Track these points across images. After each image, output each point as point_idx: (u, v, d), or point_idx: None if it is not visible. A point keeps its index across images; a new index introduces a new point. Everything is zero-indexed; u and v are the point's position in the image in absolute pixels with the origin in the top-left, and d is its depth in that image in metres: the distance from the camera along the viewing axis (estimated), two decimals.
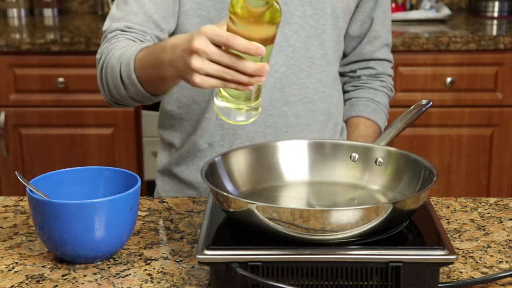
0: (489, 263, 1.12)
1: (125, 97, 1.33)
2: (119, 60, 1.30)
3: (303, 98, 1.50)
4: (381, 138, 1.29)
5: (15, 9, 3.19)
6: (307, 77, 1.50)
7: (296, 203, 1.18)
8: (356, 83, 1.65)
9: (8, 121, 2.77)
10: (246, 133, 1.48)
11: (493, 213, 1.31)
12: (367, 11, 1.57)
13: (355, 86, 1.65)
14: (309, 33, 1.48)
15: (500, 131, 2.78)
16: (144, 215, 1.30)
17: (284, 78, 1.48)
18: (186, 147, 1.54)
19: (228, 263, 0.99)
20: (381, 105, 1.64)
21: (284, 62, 1.47)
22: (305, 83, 1.50)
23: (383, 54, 1.65)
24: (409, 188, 1.15)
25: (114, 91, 1.34)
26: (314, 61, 1.50)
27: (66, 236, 1.08)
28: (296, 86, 1.49)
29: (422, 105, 1.31)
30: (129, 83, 1.28)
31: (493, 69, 2.72)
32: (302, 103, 1.50)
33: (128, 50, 1.29)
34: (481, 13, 3.12)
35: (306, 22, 1.47)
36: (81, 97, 2.75)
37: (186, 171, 1.55)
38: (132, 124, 2.79)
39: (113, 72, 1.31)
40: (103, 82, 1.38)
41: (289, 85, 1.48)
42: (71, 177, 1.20)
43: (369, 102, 1.63)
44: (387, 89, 1.67)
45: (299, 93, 1.50)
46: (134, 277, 1.08)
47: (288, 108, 1.49)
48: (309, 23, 1.47)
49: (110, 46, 1.36)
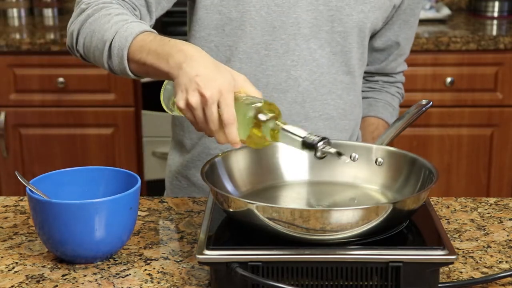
0: (489, 263, 1.12)
1: (99, 60, 1.26)
2: (115, 28, 1.23)
3: (323, 114, 1.48)
4: (381, 138, 1.29)
5: (15, 9, 3.19)
6: (328, 93, 1.47)
7: (296, 203, 1.18)
8: (372, 85, 1.66)
9: (8, 121, 2.77)
10: None
11: (493, 213, 1.31)
12: (395, 29, 1.56)
13: (371, 88, 1.65)
14: (334, 49, 1.45)
15: (500, 131, 2.78)
16: (144, 215, 1.30)
17: (306, 93, 1.45)
18: (197, 149, 1.52)
19: (228, 263, 0.99)
20: (396, 110, 1.66)
21: (308, 77, 1.45)
22: (326, 99, 1.47)
23: (403, 67, 1.66)
24: (409, 188, 1.15)
25: (90, 48, 1.27)
26: (336, 77, 1.47)
27: (66, 236, 1.08)
28: (317, 102, 1.47)
29: (422, 105, 1.31)
30: (116, 55, 1.22)
31: (493, 69, 2.72)
32: (321, 120, 1.48)
33: (131, 24, 1.23)
34: (481, 13, 3.12)
35: (333, 38, 1.44)
36: (81, 97, 2.75)
37: (198, 174, 1.52)
38: (132, 124, 2.79)
39: (102, 35, 1.24)
40: (79, 32, 1.30)
41: (310, 100, 1.46)
42: (71, 177, 1.20)
43: (388, 106, 1.63)
44: (400, 96, 1.68)
45: (319, 109, 1.47)
46: (134, 277, 1.08)
47: (308, 124, 1.47)
48: (336, 39, 1.45)
49: (103, 4, 1.29)
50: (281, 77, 1.44)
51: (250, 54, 1.43)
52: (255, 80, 1.44)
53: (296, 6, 1.41)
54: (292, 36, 1.42)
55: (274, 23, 1.41)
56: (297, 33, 1.42)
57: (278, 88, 1.44)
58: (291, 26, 1.42)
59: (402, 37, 1.58)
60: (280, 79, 1.44)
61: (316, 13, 1.42)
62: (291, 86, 1.44)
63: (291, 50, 1.43)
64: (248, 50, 1.43)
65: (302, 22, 1.42)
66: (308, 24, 1.42)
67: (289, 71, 1.43)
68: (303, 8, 1.41)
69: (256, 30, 1.41)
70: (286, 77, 1.44)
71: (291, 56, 1.43)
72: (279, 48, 1.42)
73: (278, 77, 1.44)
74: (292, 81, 1.44)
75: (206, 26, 1.44)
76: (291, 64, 1.43)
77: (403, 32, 1.57)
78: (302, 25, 1.42)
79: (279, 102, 1.44)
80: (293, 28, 1.42)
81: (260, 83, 1.44)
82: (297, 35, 1.42)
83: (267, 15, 1.41)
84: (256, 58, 1.43)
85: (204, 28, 1.44)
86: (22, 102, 2.77)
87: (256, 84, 1.43)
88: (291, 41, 1.42)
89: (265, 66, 1.43)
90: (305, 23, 1.42)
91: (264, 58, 1.43)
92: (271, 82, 1.44)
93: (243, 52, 1.43)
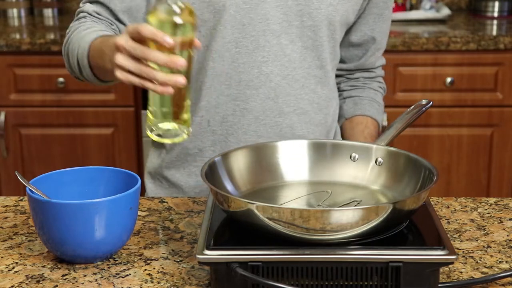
0: (489, 263, 1.12)
1: (80, 76, 1.41)
2: (78, 42, 1.37)
3: (297, 109, 1.48)
4: (381, 138, 1.29)
5: (15, 9, 3.19)
6: (302, 88, 1.48)
7: (296, 203, 1.18)
8: (354, 83, 1.65)
9: (8, 121, 2.77)
10: (237, 141, 1.47)
11: (493, 213, 1.31)
12: (370, 23, 1.57)
13: (354, 86, 1.65)
14: (306, 44, 1.46)
15: (500, 131, 2.78)
16: (144, 215, 1.30)
17: (279, 88, 1.46)
18: (176, 150, 1.53)
19: (228, 263, 0.99)
20: (382, 106, 1.65)
21: (279, 72, 1.45)
22: (300, 93, 1.48)
23: (381, 61, 1.67)
24: (409, 188, 1.15)
25: (73, 68, 1.42)
26: (309, 71, 1.48)
27: (66, 236, 1.08)
28: (290, 96, 1.47)
29: (422, 105, 1.31)
30: (82, 66, 1.37)
31: (493, 69, 2.72)
32: (296, 114, 1.48)
33: (88, 34, 1.36)
34: (481, 13, 3.12)
35: (303, 33, 1.45)
36: (81, 97, 2.75)
37: (177, 174, 1.53)
38: (132, 124, 2.79)
39: (73, 52, 1.39)
40: (65, 57, 1.45)
41: (284, 95, 1.47)
42: (71, 177, 1.20)
43: (373, 102, 1.63)
44: (383, 90, 1.68)
45: (293, 104, 1.48)
46: (134, 277, 1.08)
47: (282, 119, 1.47)
48: (306, 33, 1.45)
49: (78, 25, 1.43)
50: (253, 74, 1.44)
51: (221, 53, 1.44)
52: (228, 77, 1.45)
53: (265, 3, 1.42)
54: (261, 32, 1.43)
55: (243, 21, 1.42)
56: (267, 29, 1.43)
57: (250, 84, 1.45)
58: (260, 23, 1.42)
59: (377, 31, 1.58)
60: (252, 75, 1.44)
61: (285, 8, 1.43)
62: (263, 82, 1.45)
63: (261, 47, 1.43)
64: (219, 49, 1.44)
65: (271, 18, 1.42)
66: (278, 20, 1.43)
67: (260, 67, 1.44)
68: (271, 4, 1.42)
69: (226, 28, 1.42)
70: (257, 73, 1.44)
71: (262, 52, 1.44)
72: (249, 44, 1.43)
73: (250, 73, 1.44)
74: (264, 77, 1.45)
75: None
76: (262, 60, 1.44)
77: (378, 26, 1.58)
78: (271, 21, 1.42)
79: (253, 98, 1.45)
80: (262, 24, 1.42)
81: (233, 81, 1.45)
82: (266, 31, 1.43)
83: (236, 13, 1.41)
84: (227, 56, 1.44)
85: None
86: (22, 102, 2.77)
87: (229, 82, 1.45)
88: (261, 38, 1.43)
89: (237, 63, 1.44)
90: (274, 19, 1.43)
91: (235, 56, 1.44)
92: (244, 79, 1.44)
93: (215, 51, 1.44)
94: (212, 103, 1.47)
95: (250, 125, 1.46)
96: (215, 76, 1.45)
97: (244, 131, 1.47)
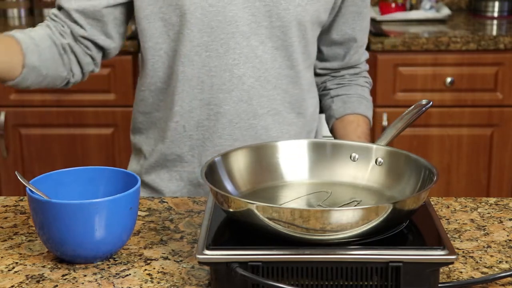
0: (489, 263, 1.12)
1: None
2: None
3: (271, 110, 1.48)
4: (381, 138, 1.29)
5: (15, 9, 3.19)
6: (274, 88, 1.47)
7: (296, 203, 1.18)
8: (340, 81, 1.64)
9: (8, 121, 2.77)
10: (213, 145, 1.47)
11: (493, 213, 1.31)
12: (349, 22, 1.56)
13: (340, 84, 1.64)
14: (276, 44, 1.45)
15: (500, 131, 2.78)
16: (144, 215, 1.30)
17: (252, 90, 1.45)
18: (154, 156, 1.52)
19: (228, 263, 0.99)
20: (370, 101, 1.64)
21: (252, 74, 1.45)
22: (272, 94, 1.47)
23: (365, 56, 1.66)
24: (409, 188, 1.15)
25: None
26: (281, 71, 1.47)
27: (66, 236, 1.08)
28: (263, 98, 1.47)
29: (422, 105, 1.31)
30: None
31: (493, 69, 2.72)
32: (270, 115, 1.48)
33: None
34: (481, 13, 3.12)
35: (273, 34, 1.44)
36: (81, 97, 2.75)
37: (157, 180, 1.53)
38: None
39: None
40: None
41: (257, 97, 1.46)
42: (71, 177, 1.20)
43: (362, 99, 1.62)
44: (369, 84, 1.67)
45: (266, 105, 1.47)
46: (134, 277, 1.08)
47: (257, 121, 1.47)
48: (276, 34, 1.44)
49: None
50: (225, 77, 1.43)
51: (190, 57, 1.43)
52: (200, 82, 1.44)
53: (232, 4, 1.41)
54: (231, 34, 1.42)
55: (211, 23, 1.41)
56: (236, 31, 1.42)
57: (223, 88, 1.44)
58: (228, 25, 1.41)
59: (358, 29, 1.57)
60: (224, 79, 1.44)
61: (253, 9, 1.42)
62: (235, 85, 1.44)
63: (231, 49, 1.42)
64: (188, 53, 1.43)
65: (240, 20, 1.41)
66: (246, 21, 1.42)
67: (232, 70, 1.43)
68: (239, 6, 1.41)
69: (193, 32, 1.41)
70: (229, 76, 1.43)
71: (232, 55, 1.43)
72: (219, 48, 1.42)
73: (222, 77, 1.43)
74: (236, 80, 1.44)
75: (152, 35, 1.45)
76: (233, 63, 1.43)
77: (358, 24, 1.57)
78: (240, 23, 1.42)
79: (226, 102, 1.44)
80: (231, 26, 1.41)
81: (205, 85, 1.44)
82: (235, 33, 1.42)
83: (203, 16, 1.40)
84: (197, 60, 1.43)
85: (151, 37, 1.45)
86: (22, 102, 2.77)
87: (202, 86, 1.44)
88: (231, 40, 1.42)
89: (208, 67, 1.43)
90: (243, 20, 1.42)
91: (206, 60, 1.43)
92: (216, 83, 1.44)
93: (184, 56, 1.43)
94: (186, 108, 1.46)
95: (224, 129, 1.45)
96: (186, 81, 1.44)
97: (219, 135, 1.46)
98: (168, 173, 1.51)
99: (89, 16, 1.45)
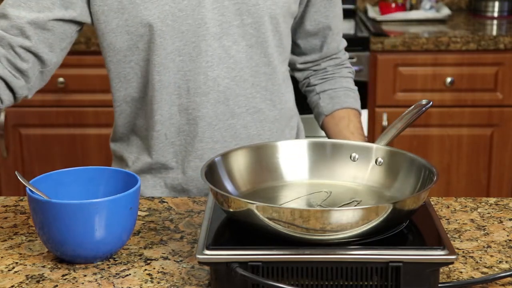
0: (489, 263, 1.12)
1: None
2: None
3: (250, 108, 1.47)
4: (381, 138, 1.29)
5: None
6: (252, 86, 1.46)
7: (296, 203, 1.18)
8: (323, 75, 1.63)
9: (8, 121, 2.77)
10: (195, 149, 1.46)
11: (493, 213, 1.31)
12: (322, 10, 1.55)
13: (324, 78, 1.62)
14: (249, 42, 1.44)
15: (500, 131, 2.78)
16: (144, 215, 1.30)
17: (228, 91, 1.44)
18: (139, 164, 1.52)
19: (228, 263, 0.99)
20: (356, 92, 1.63)
21: (226, 75, 1.43)
22: (251, 93, 1.47)
23: (343, 43, 1.64)
24: (409, 188, 1.15)
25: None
26: (257, 69, 1.46)
27: (66, 236, 1.08)
28: (241, 97, 1.46)
29: (422, 105, 1.30)
30: None
31: (493, 69, 2.72)
32: (249, 114, 1.47)
33: None
34: (481, 13, 3.13)
35: (246, 32, 1.43)
36: (81, 97, 2.75)
37: (142, 187, 1.51)
38: None
39: None
40: None
41: (233, 97, 1.45)
42: (71, 177, 1.20)
43: (348, 92, 1.61)
44: (352, 74, 1.66)
45: (245, 104, 1.47)
46: (134, 277, 1.08)
47: (235, 121, 1.46)
48: (249, 32, 1.43)
49: None
50: (200, 80, 1.43)
51: (165, 64, 1.42)
52: (176, 87, 1.43)
53: (200, 7, 1.40)
54: (202, 37, 1.41)
55: (181, 28, 1.40)
56: (206, 33, 1.41)
57: (199, 91, 1.43)
58: (198, 28, 1.40)
59: (331, 16, 1.56)
60: (199, 82, 1.43)
61: (223, 9, 1.41)
62: (211, 87, 1.43)
63: (203, 52, 1.41)
64: (163, 61, 1.42)
65: (210, 22, 1.41)
66: (217, 22, 1.41)
67: (206, 72, 1.42)
68: (207, 8, 1.40)
69: (166, 39, 1.40)
70: (204, 79, 1.43)
71: (205, 57, 1.42)
72: (192, 51, 1.41)
73: (197, 80, 1.43)
74: (211, 82, 1.43)
75: (119, 49, 1.43)
76: (207, 65, 1.42)
77: (331, 12, 1.56)
78: (210, 24, 1.41)
79: (203, 105, 1.43)
80: (201, 29, 1.40)
81: (182, 90, 1.43)
82: (206, 36, 1.41)
83: (173, 22, 1.39)
84: (172, 66, 1.42)
85: (118, 51, 1.44)
86: (22, 102, 2.75)
87: (178, 92, 1.43)
88: (202, 42, 1.41)
89: (182, 72, 1.42)
90: (213, 21, 1.41)
91: (180, 65, 1.42)
92: (192, 87, 1.43)
93: (158, 64, 1.42)
94: (166, 116, 1.45)
95: (204, 133, 1.45)
96: (163, 88, 1.43)
97: (199, 139, 1.45)
98: (152, 180, 1.51)
99: (39, 26, 1.38)
